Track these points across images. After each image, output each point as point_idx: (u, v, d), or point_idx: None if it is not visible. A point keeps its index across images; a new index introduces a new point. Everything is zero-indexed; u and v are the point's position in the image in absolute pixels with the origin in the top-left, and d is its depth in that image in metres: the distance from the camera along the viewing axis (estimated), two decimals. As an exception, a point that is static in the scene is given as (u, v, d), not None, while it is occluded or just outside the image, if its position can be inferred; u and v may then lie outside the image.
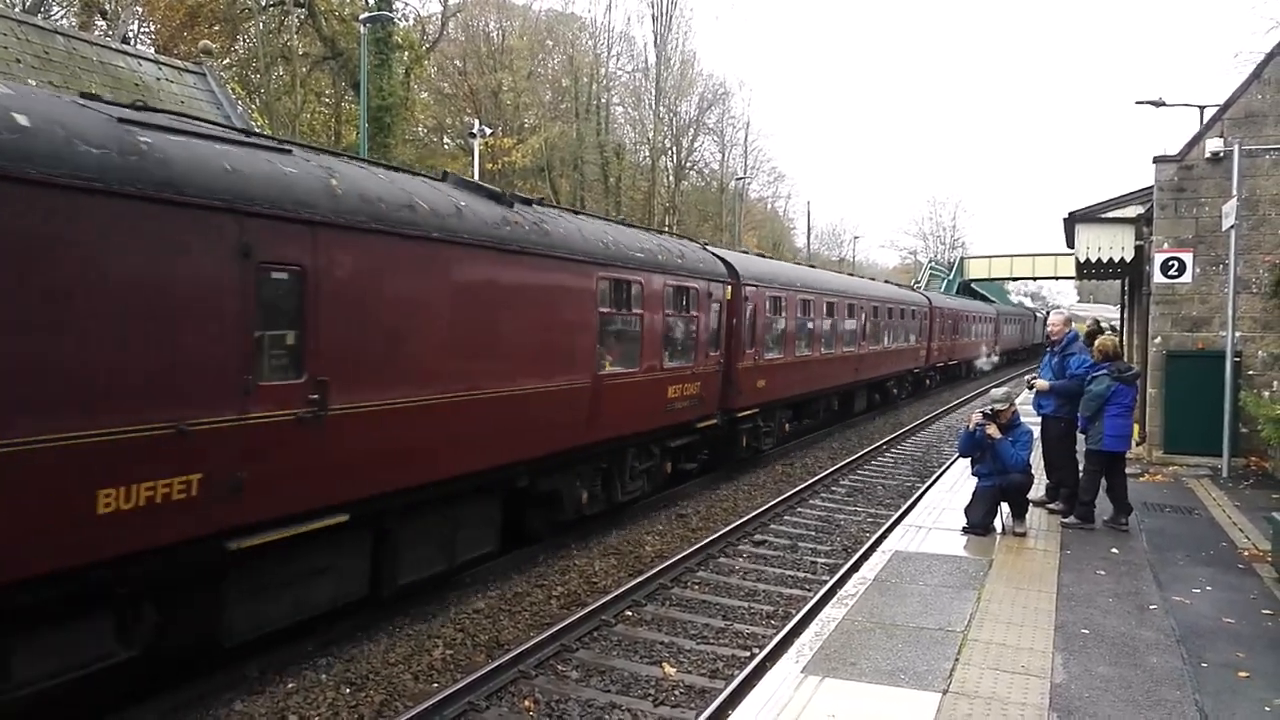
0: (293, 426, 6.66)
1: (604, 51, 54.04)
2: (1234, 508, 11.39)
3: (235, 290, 6.20)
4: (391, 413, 7.65)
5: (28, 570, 5.17)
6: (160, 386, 5.74)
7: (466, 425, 8.67)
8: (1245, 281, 13.99)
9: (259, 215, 6.34)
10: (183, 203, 5.82)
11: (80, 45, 17.05)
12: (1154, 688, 5.91)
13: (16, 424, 4.99)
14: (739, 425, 16.21)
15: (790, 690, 5.80)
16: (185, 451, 5.88)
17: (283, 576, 7.09)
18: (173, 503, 5.84)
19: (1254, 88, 14.20)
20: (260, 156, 6.69)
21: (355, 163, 8.19)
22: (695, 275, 13.82)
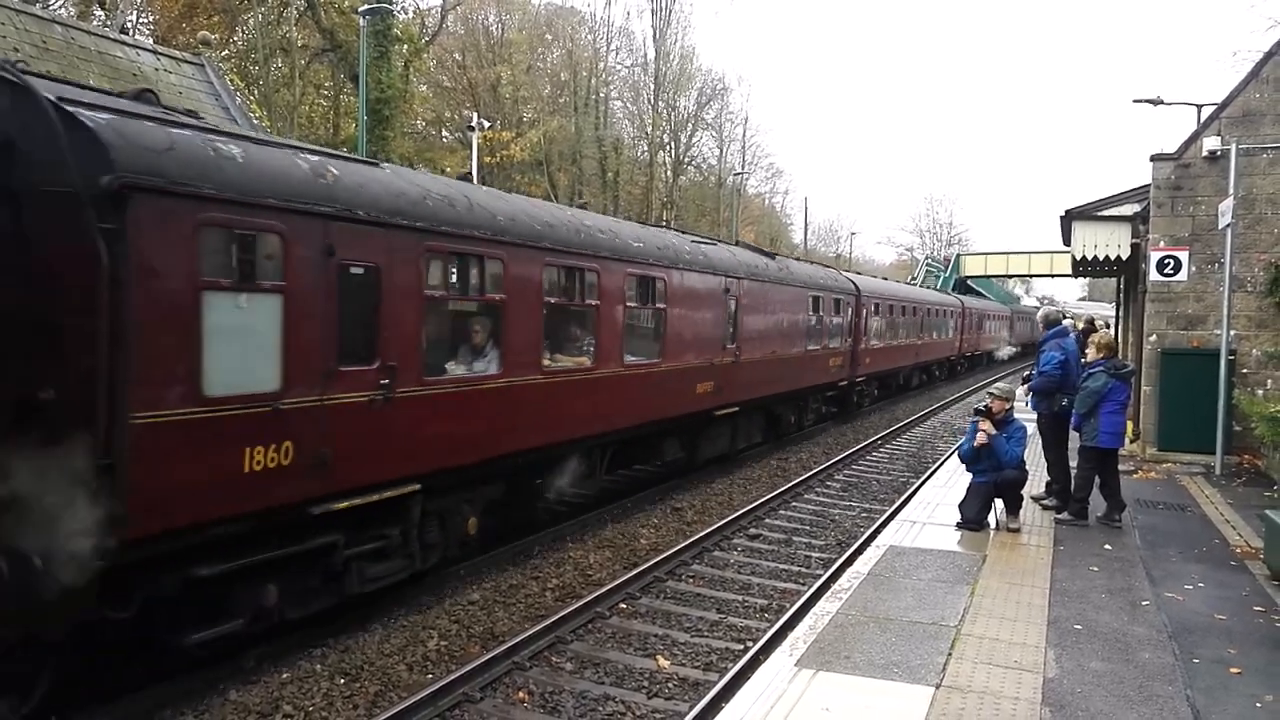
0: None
1: (603, 46, 54.06)
2: (1227, 505, 11.43)
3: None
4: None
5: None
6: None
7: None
8: (1240, 280, 14.03)
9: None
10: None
11: (78, 35, 17.01)
12: (1146, 683, 5.94)
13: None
14: (855, 387, 24.44)
15: (784, 683, 5.83)
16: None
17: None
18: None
19: (1252, 86, 14.22)
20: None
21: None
22: (842, 292, 22.51)
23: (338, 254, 7.19)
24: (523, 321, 9.80)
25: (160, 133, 6.08)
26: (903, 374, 30.99)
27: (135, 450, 5.72)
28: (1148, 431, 14.84)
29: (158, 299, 5.87)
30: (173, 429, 5.96)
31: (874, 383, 26.87)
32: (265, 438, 6.64)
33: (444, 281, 8.96)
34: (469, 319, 9.52)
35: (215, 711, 6.63)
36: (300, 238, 6.85)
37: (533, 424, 10.03)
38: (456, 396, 8.86)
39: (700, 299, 14.29)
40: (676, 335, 13.51)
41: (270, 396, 6.67)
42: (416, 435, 8.19)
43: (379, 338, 7.70)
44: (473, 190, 9.79)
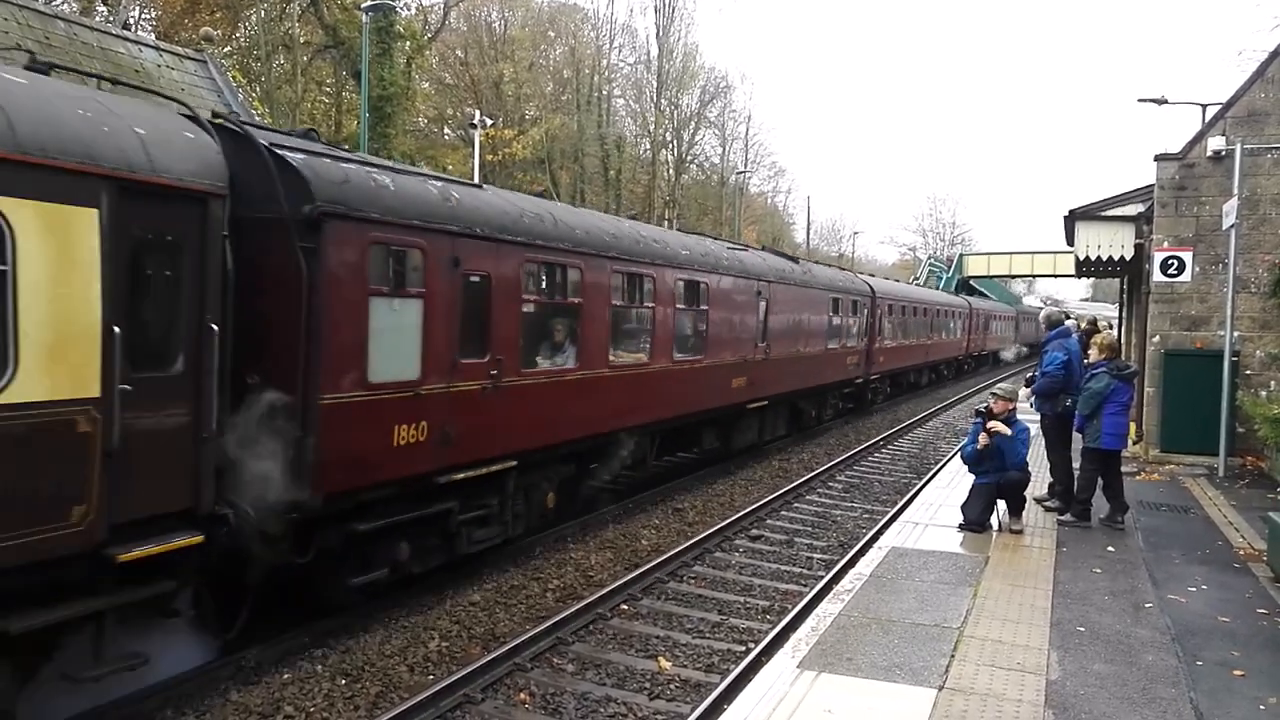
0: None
1: (606, 43, 54.01)
2: (1230, 507, 11.40)
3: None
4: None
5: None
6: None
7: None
8: (1244, 281, 13.99)
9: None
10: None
11: (81, 31, 16.99)
12: (1149, 685, 5.92)
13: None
14: (869, 384, 25.65)
15: (786, 685, 5.81)
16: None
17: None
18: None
19: (1257, 86, 14.18)
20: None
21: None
22: (858, 293, 23.89)
23: (461, 265, 8.62)
24: (595, 322, 11.26)
25: (338, 168, 7.51)
26: (913, 372, 32.32)
27: (323, 425, 7.09)
28: (1151, 433, 14.80)
29: (341, 304, 7.28)
30: (348, 409, 7.40)
31: (886, 381, 28.16)
32: (409, 418, 8.05)
33: (536, 287, 10.34)
34: (553, 319, 10.81)
35: (216, 712, 6.62)
36: (435, 252, 8.28)
37: (601, 412, 11.51)
38: (544, 386, 10.27)
39: (736, 301, 15.62)
40: (716, 334, 14.79)
41: (413, 383, 8.11)
42: (514, 419, 9.60)
43: (489, 335, 9.15)
44: (555, 207, 11.45)
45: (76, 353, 5.38)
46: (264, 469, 6.71)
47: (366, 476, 7.71)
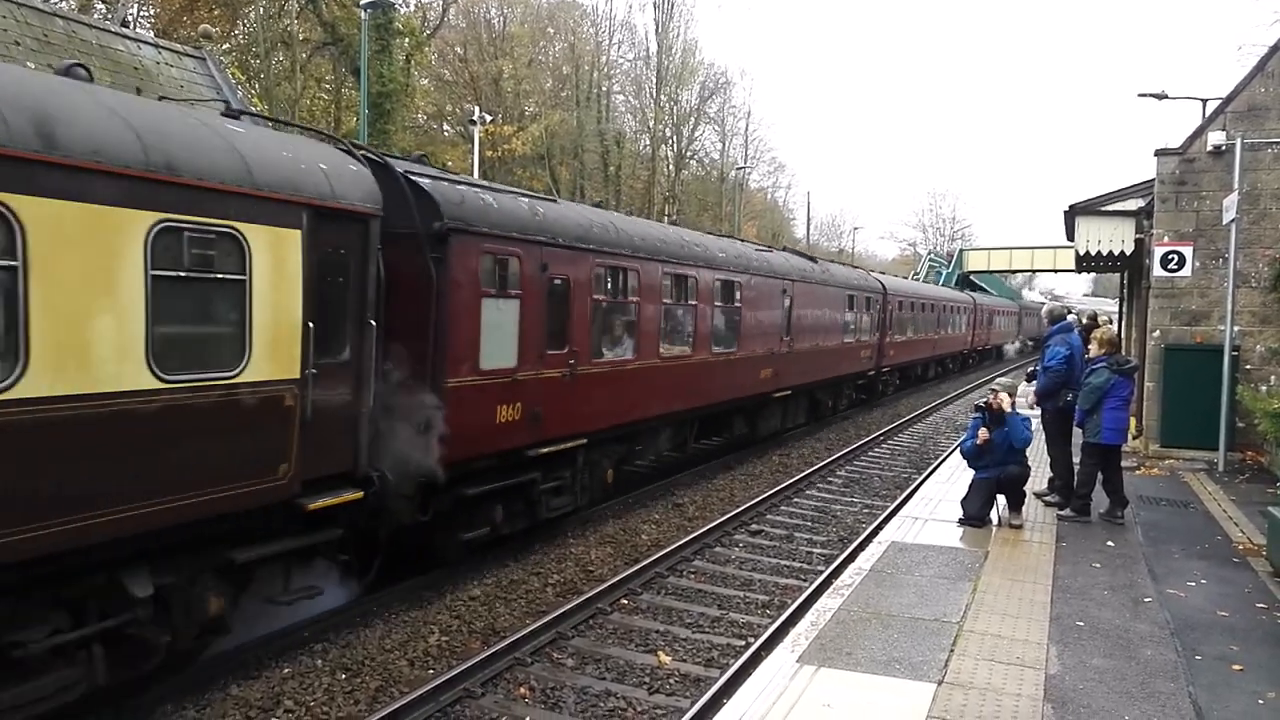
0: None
1: (605, 39, 54.01)
2: (1229, 502, 11.41)
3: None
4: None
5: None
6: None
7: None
8: (1245, 275, 13.98)
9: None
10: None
11: (80, 28, 16.97)
12: (1148, 680, 5.93)
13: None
14: (881, 376, 27.19)
15: (785, 679, 5.82)
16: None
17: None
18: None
19: (1257, 81, 14.14)
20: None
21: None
22: (871, 291, 25.04)
23: (548, 270, 10.13)
24: (649, 318, 12.78)
25: (456, 190, 9.01)
26: (921, 365, 33.88)
27: (447, 405, 8.49)
28: (1150, 428, 14.80)
29: (461, 304, 8.82)
30: (466, 391, 8.92)
31: (896, 373, 29.71)
32: (508, 399, 9.60)
33: (602, 288, 11.70)
34: (615, 316, 12.25)
35: (216, 706, 6.63)
36: (529, 259, 9.80)
37: (653, 398, 13.11)
38: (609, 375, 11.78)
39: (764, 299, 16.98)
40: (748, 329, 16.20)
41: (511, 371, 9.65)
42: (586, 402, 11.09)
43: (568, 330, 10.69)
44: (615, 217, 13.13)
45: (286, 343, 6.78)
46: (401, 441, 8.12)
47: (476, 449, 9.24)
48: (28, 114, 5.10)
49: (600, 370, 11.49)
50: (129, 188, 5.61)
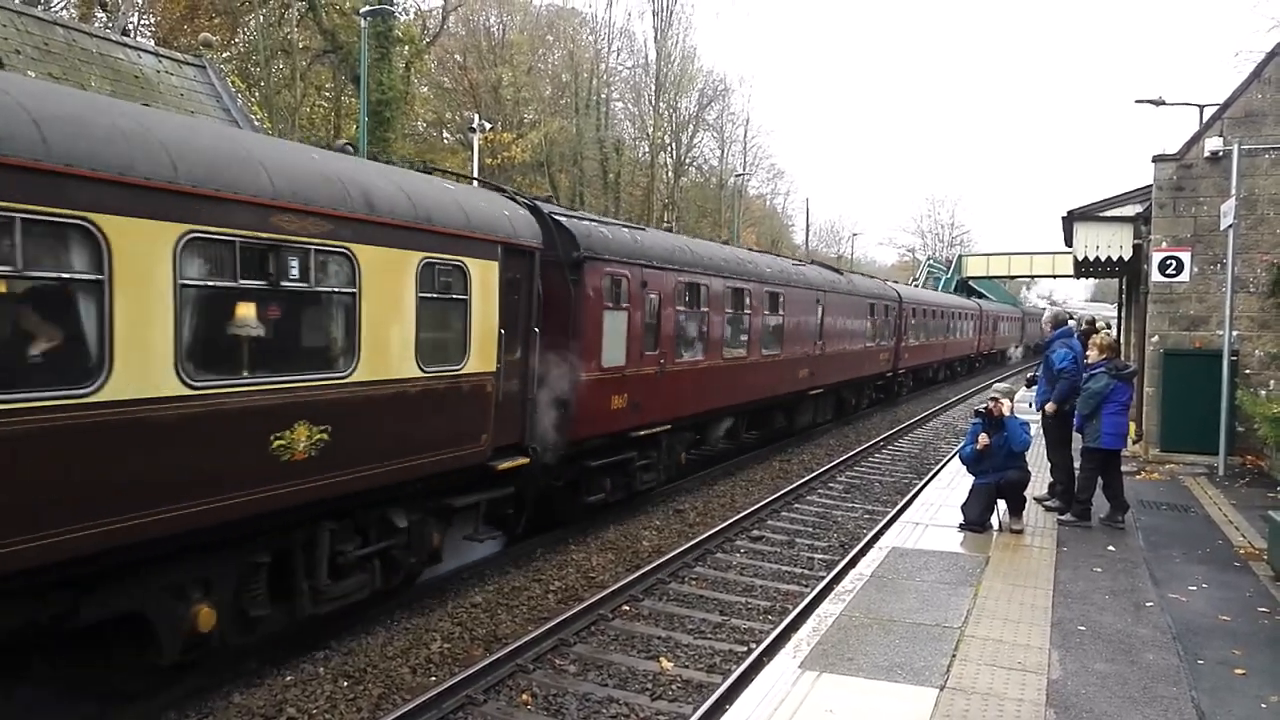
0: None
1: (604, 47, 54.05)
2: (1230, 506, 11.42)
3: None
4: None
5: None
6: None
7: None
8: (1243, 281, 14.01)
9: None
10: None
11: (80, 37, 17.01)
12: (1150, 684, 5.93)
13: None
14: (897, 378, 29.46)
15: (788, 685, 5.82)
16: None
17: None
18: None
19: (1254, 87, 14.20)
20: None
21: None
22: (889, 299, 27.24)
23: (646, 286, 12.56)
24: (715, 324, 15.00)
25: (585, 225, 11.50)
26: (932, 368, 36.23)
27: (578, 394, 10.80)
28: (1150, 433, 14.82)
29: (591, 315, 11.27)
30: (591, 384, 11.19)
31: (910, 375, 31.92)
32: (619, 391, 12.01)
33: (682, 300, 13.86)
34: (691, 323, 14.37)
35: (219, 715, 6.63)
36: (633, 278, 12.21)
37: (718, 393, 15.38)
38: (686, 373, 14.06)
39: (802, 308, 19.24)
40: (789, 334, 18.46)
41: (621, 368, 12.06)
42: (670, 395, 13.50)
43: (659, 335, 13.13)
44: (691, 241, 15.89)
45: (488, 345, 9.02)
46: (548, 422, 10.32)
47: (596, 429, 11.53)
48: (359, 189, 7.41)
49: (681, 368, 13.89)
50: (407, 235, 7.84)
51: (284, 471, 6.69)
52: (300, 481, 6.85)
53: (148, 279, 5.67)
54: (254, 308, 6.57)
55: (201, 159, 6.06)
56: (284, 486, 6.72)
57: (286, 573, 7.32)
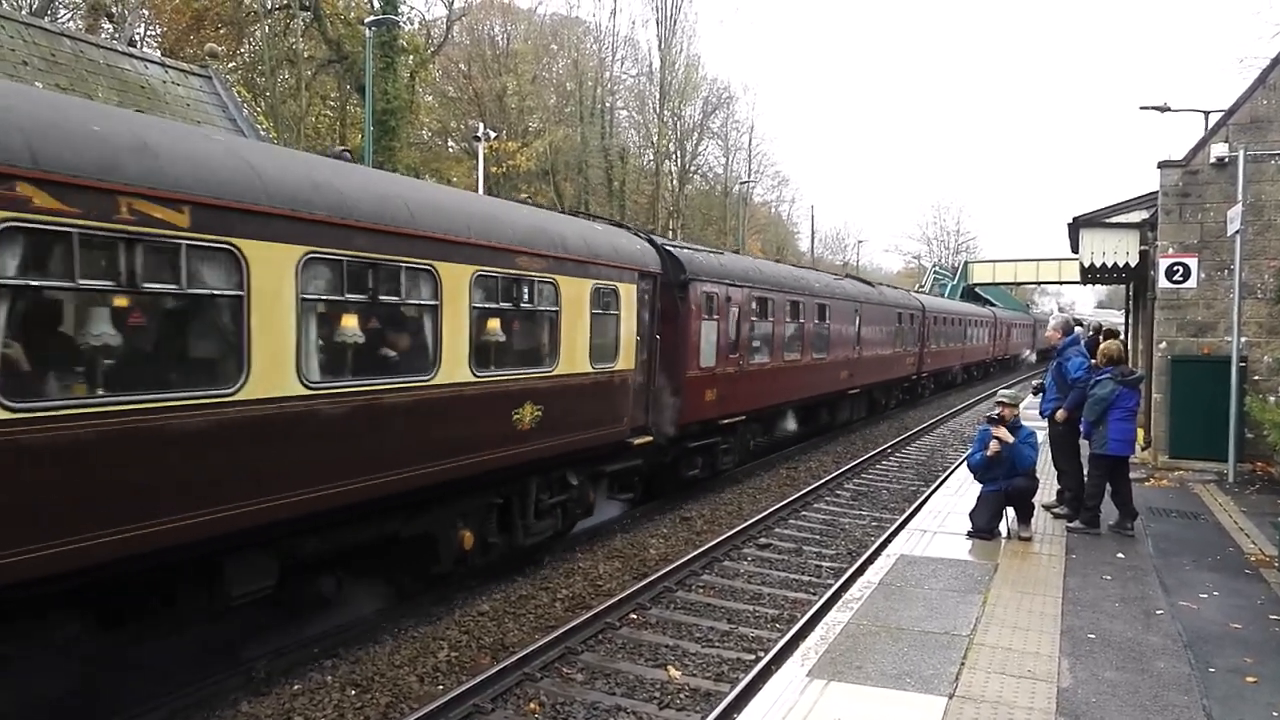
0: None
1: (608, 55, 54.19)
2: (1240, 513, 11.36)
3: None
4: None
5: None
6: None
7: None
8: (1250, 287, 13.96)
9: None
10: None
11: (87, 48, 17.10)
12: (1161, 693, 5.90)
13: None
14: (921, 380, 32.29)
15: (796, 694, 5.80)
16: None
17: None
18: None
19: (1259, 93, 14.18)
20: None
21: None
22: (914, 308, 29.72)
23: (730, 300, 15.19)
24: (778, 332, 17.66)
25: (686, 252, 14.28)
26: (952, 371, 38.87)
27: (684, 388, 13.47)
28: (1159, 439, 14.76)
29: (693, 325, 13.82)
30: (693, 380, 13.83)
31: (932, 378, 34.59)
32: (711, 387, 14.57)
33: (754, 311, 16.37)
34: (760, 330, 16.91)
35: (226, 723, 6.62)
36: (719, 293, 14.73)
37: (778, 390, 18.03)
38: (757, 373, 16.74)
39: (844, 317, 21.75)
40: (834, 341, 20.96)
41: (712, 368, 14.61)
42: (745, 392, 16.06)
43: (738, 340, 15.68)
44: (758, 261, 20.02)
45: (630, 348, 11.53)
46: (665, 410, 12.82)
47: (694, 417, 14.03)
48: (560, 236, 10.12)
49: (753, 369, 16.40)
50: (585, 268, 10.44)
51: (517, 437, 9.30)
52: (525, 445, 9.44)
53: (458, 304, 8.31)
54: (504, 322, 9.15)
55: (485, 223, 8.82)
56: (516, 448, 9.31)
57: (508, 513, 9.90)
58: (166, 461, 5.75)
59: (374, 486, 7.37)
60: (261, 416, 6.32)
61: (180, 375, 6.04)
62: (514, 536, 9.98)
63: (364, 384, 7.33)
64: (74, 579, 5.44)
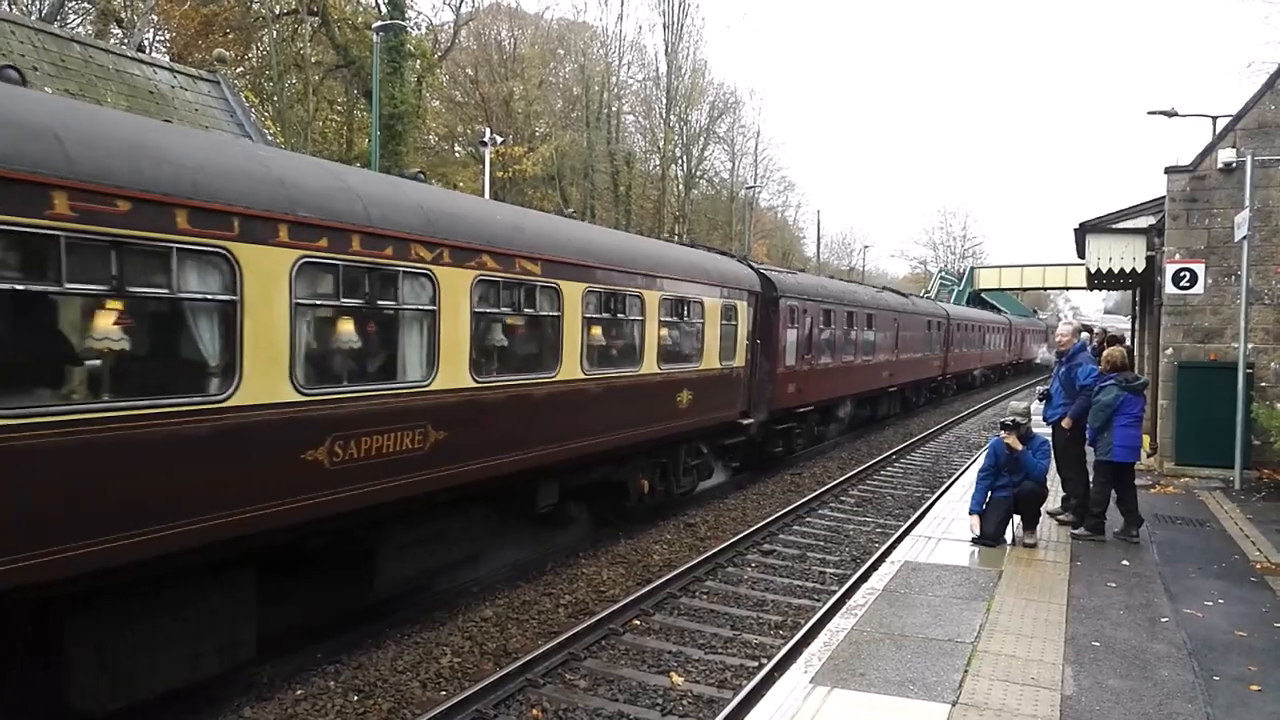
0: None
1: (615, 60, 54.25)
2: (1246, 520, 11.31)
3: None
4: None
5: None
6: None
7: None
8: (1257, 293, 13.92)
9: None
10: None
11: (96, 53, 17.19)
12: (1165, 701, 5.87)
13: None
14: (945, 381, 36.12)
15: (799, 700, 5.79)
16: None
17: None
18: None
19: (1267, 98, 14.14)
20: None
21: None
22: (940, 316, 33.51)
23: (805, 313, 18.58)
24: (837, 337, 21.20)
25: (775, 274, 18.25)
26: (972, 373, 42.11)
27: (774, 382, 16.94)
28: (1165, 446, 14.71)
29: (781, 332, 17.32)
30: (780, 375, 17.29)
31: (954, 380, 37.93)
32: (791, 381, 18.00)
33: (823, 320, 20.03)
34: (827, 336, 20.47)
35: (229, 728, 6.63)
36: (799, 306, 18.19)
37: (837, 386, 21.72)
38: (822, 371, 20.11)
39: (885, 324, 25.49)
40: (879, 345, 24.77)
41: (793, 367, 18.02)
42: (814, 386, 19.57)
43: (810, 345, 19.15)
44: (823, 279, 23.90)
45: (743, 351, 14.77)
46: (759, 398, 15.89)
47: (781, 405, 17.60)
48: (715, 270, 14.19)
49: (820, 368, 19.89)
50: (718, 290, 13.86)
51: (678, 414, 12.81)
52: (681, 421, 12.97)
53: (653, 318, 11.93)
54: (674, 331, 12.78)
55: (667, 263, 12.71)
56: (677, 422, 12.85)
57: (665, 471, 13.54)
58: (538, 417, 9.58)
59: (609, 442, 11.06)
60: (566, 392, 10.02)
61: (528, 364, 9.64)
62: (670, 486, 13.73)
63: (606, 373, 10.94)
64: (498, 483, 9.27)
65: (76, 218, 5.16)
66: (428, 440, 7.85)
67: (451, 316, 8.12)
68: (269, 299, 6.33)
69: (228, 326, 6.10)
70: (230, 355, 6.12)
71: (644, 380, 11.76)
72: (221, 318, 6.08)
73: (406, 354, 7.78)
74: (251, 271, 6.18)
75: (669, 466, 13.51)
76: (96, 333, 5.44)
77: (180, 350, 6.06)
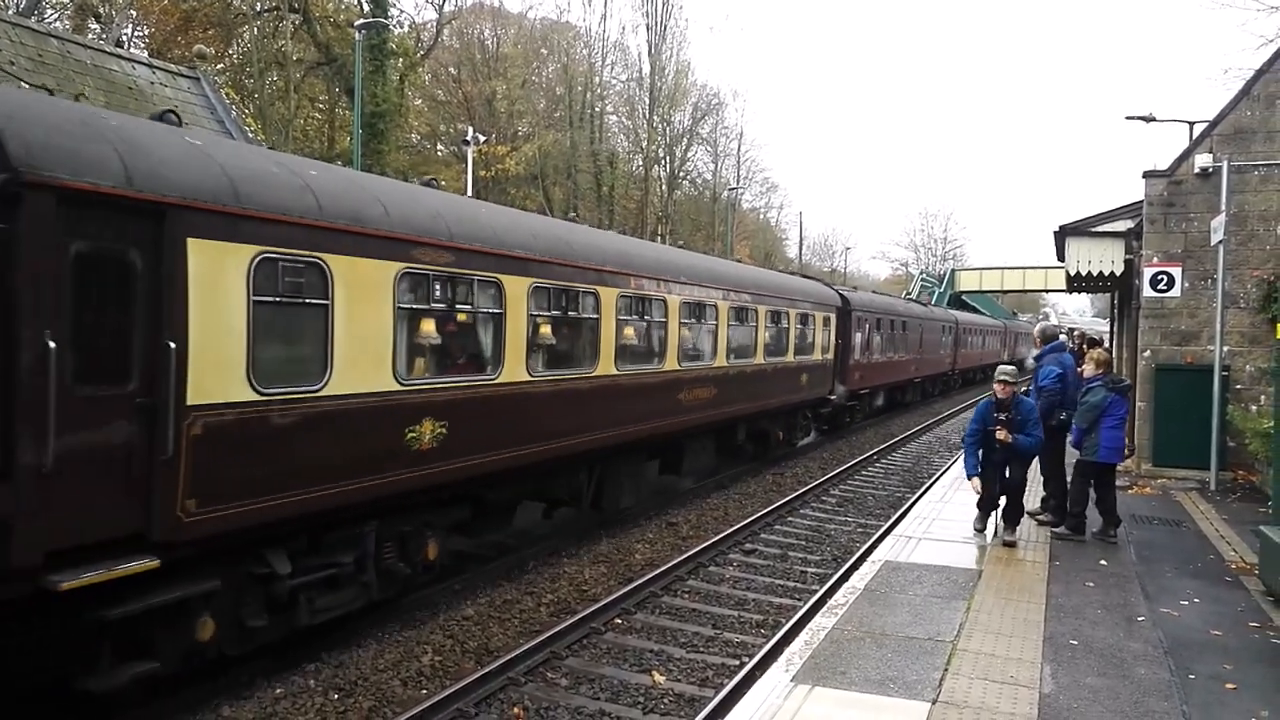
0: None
1: (598, 60, 54.20)
2: (1221, 521, 11.44)
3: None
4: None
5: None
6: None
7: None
8: (1233, 296, 14.08)
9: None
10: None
11: (74, 49, 17.03)
12: (1142, 699, 5.93)
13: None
14: (953, 375, 42.01)
15: (780, 699, 5.81)
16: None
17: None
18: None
19: (1243, 104, 14.31)
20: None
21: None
22: (950, 321, 39.81)
23: (867, 321, 24.98)
24: (885, 337, 26.93)
25: (851, 291, 26.00)
26: (973, 371, 47.39)
27: (849, 370, 23.37)
28: (1142, 447, 14.85)
29: (853, 335, 23.62)
30: (851, 366, 23.62)
31: (960, 375, 43.83)
32: (859, 370, 24.39)
33: (873, 326, 25.46)
34: (873, 337, 25.64)
35: (208, 727, 6.59)
36: (863, 317, 24.64)
37: (884, 376, 27.55)
38: (876, 364, 26.37)
39: (913, 329, 31.09)
40: (909, 345, 30.50)
41: (859, 360, 24.41)
42: (870, 374, 25.69)
43: (868, 345, 25.32)
44: (873, 295, 30.79)
45: (827, 348, 21.44)
46: (838, 382, 22.19)
47: (851, 387, 23.13)
48: (804, 291, 20.79)
49: (874, 362, 25.92)
50: (809, 305, 19.96)
51: (798, 389, 19.19)
52: (799, 394, 19.26)
53: (773, 324, 17.60)
54: (802, 334, 18.95)
55: (791, 289, 19.41)
56: (797, 395, 19.20)
57: (788, 427, 20.16)
58: (748, 385, 16.23)
59: (772, 404, 17.90)
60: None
61: (742, 353, 16.12)
62: (793, 437, 20.49)
63: (771, 360, 17.27)
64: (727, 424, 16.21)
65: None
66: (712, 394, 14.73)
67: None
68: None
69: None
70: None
71: (787, 365, 18.34)
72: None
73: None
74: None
75: (791, 424, 20.08)
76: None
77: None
